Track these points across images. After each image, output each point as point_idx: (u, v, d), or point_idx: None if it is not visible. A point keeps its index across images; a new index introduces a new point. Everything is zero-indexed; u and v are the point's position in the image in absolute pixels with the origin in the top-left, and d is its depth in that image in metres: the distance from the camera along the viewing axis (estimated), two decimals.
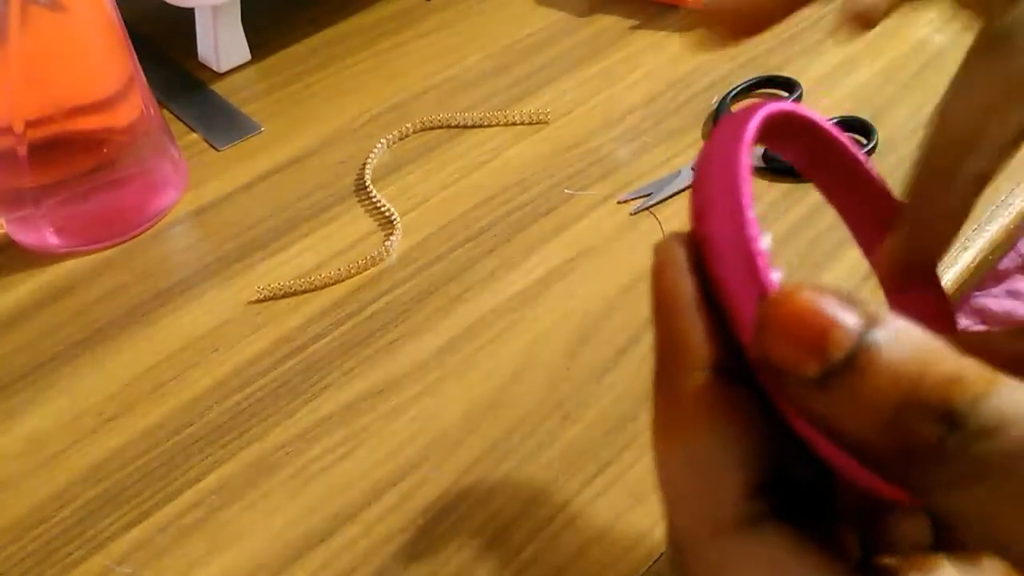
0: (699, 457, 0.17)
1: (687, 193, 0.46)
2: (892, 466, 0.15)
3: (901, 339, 0.15)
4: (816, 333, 0.15)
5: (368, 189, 0.47)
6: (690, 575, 0.18)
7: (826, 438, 0.16)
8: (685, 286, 0.18)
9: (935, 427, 0.14)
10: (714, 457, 0.17)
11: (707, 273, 0.19)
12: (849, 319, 0.15)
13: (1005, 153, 0.22)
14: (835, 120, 0.49)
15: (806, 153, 0.23)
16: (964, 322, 0.72)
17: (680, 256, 0.19)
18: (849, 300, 0.15)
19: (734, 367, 0.18)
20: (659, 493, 0.19)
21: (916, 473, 0.15)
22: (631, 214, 0.45)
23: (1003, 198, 0.44)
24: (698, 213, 0.19)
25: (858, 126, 0.48)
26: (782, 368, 0.16)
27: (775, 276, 0.17)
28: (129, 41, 0.45)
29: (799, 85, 0.51)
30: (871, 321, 0.15)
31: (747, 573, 0.17)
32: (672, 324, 0.18)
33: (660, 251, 0.19)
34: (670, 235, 0.19)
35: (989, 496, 0.14)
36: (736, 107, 0.22)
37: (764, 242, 0.18)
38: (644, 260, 0.43)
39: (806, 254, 0.42)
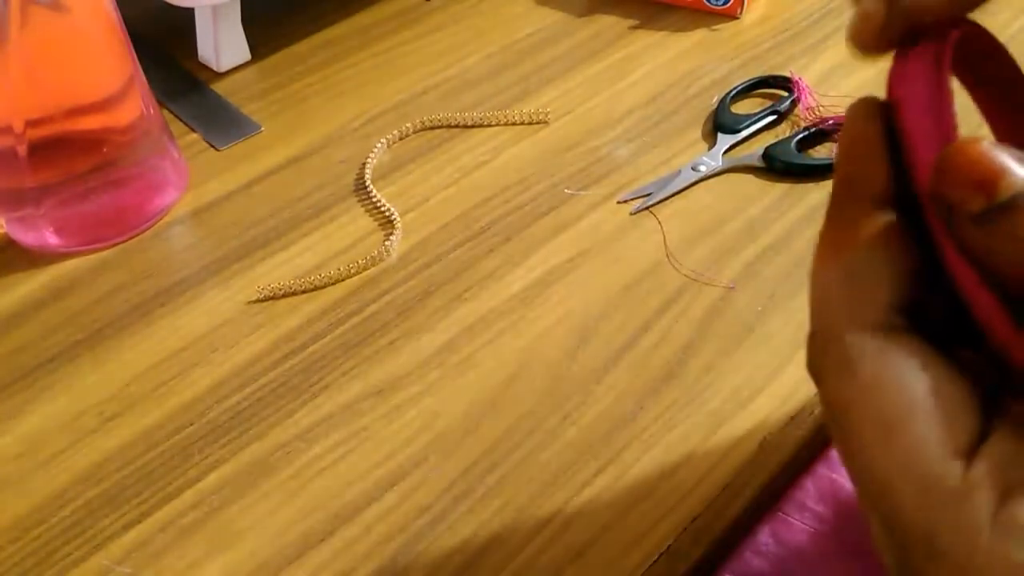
0: (857, 269, 0.20)
1: (687, 193, 0.46)
2: None
3: None
4: (988, 176, 0.17)
5: (368, 189, 0.47)
6: (817, 367, 0.20)
7: (978, 278, 0.18)
8: (872, 128, 0.20)
9: None
10: (871, 271, 0.19)
11: (896, 125, 0.20)
12: (1019, 170, 0.17)
13: None
14: (834, 121, 0.49)
15: (988, 81, 0.24)
16: None
17: (873, 106, 0.20)
18: (1021, 157, 0.17)
19: (903, 204, 0.20)
20: (810, 300, 0.21)
21: None
22: (631, 214, 0.45)
23: None
24: (897, 79, 0.21)
25: None
26: (952, 203, 0.18)
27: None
28: (129, 41, 0.45)
29: (799, 85, 0.51)
30: None
31: (878, 367, 0.19)
32: (854, 157, 0.20)
33: (854, 105, 0.21)
34: (864, 96, 0.21)
35: None
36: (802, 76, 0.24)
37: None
38: (644, 260, 0.43)
39: (806, 254, 0.42)
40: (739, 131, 0.49)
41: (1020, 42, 0.53)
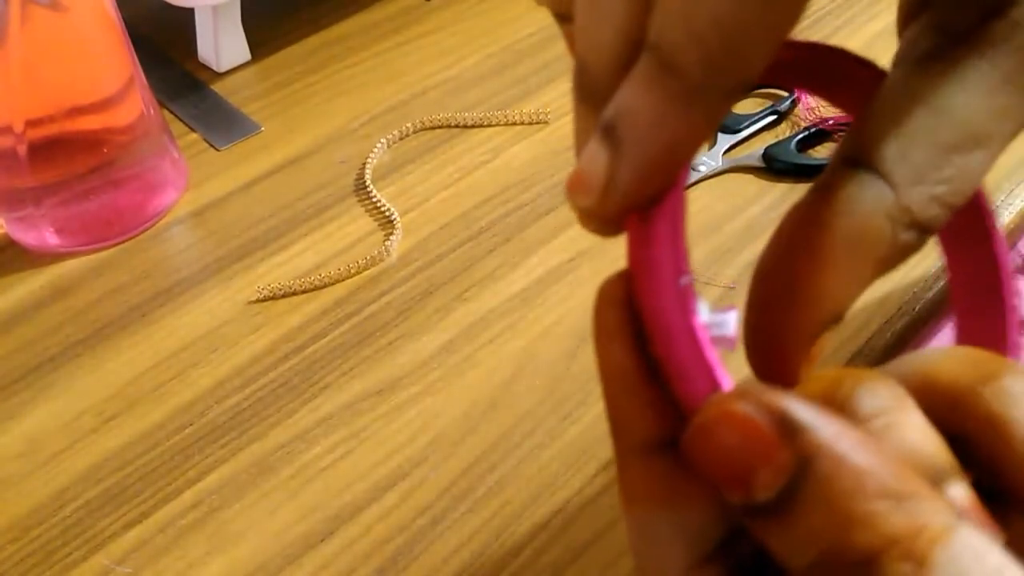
0: (643, 530, 0.17)
1: (687, 193, 0.46)
2: None
3: (832, 489, 0.14)
4: (739, 474, 0.14)
5: (368, 189, 0.47)
6: None
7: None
8: (616, 357, 0.17)
9: None
10: (656, 532, 0.17)
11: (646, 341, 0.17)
12: (778, 460, 0.14)
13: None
14: (834, 120, 0.49)
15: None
16: None
17: (613, 321, 0.17)
18: (786, 424, 0.14)
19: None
20: None
21: None
22: None
23: (1003, 198, 0.44)
24: (632, 278, 0.17)
25: None
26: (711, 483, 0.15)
27: (714, 355, 0.16)
28: (129, 41, 0.45)
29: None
30: (803, 462, 0.14)
31: None
32: (607, 398, 0.17)
33: (595, 313, 0.18)
34: (604, 290, 0.17)
35: None
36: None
37: (704, 313, 0.16)
38: None
39: None
40: (739, 131, 0.49)
41: None
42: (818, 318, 0.17)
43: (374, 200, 0.47)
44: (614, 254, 0.43)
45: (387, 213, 0.46)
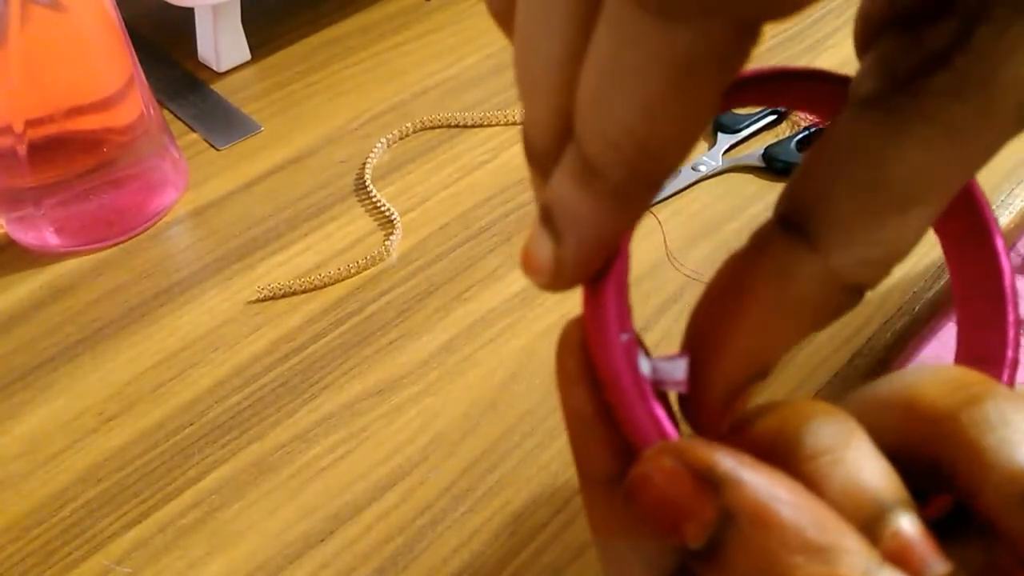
0: (607, 555, 0.18)
1: (687, 193, 0.46)
2: None
3: (753, 542, 0.15)
4: (670, 523, 0.15)
5: (368, 189, 0.47)
6: None
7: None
8: (575, 399, 0.18)
9: None
10: (618, 556, 0.18)
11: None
12: (702, 513, 0.15)
13: None
14: None
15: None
16: None
17: (573, 367, 0.18)
18: (712, 478, 0.15)
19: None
20: None
21: None
22: None
23: (1003, 198, 0.44)
24: (585, 331, 0.18)
25: None
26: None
27: (654, 408, 0.17)
28: (129, 41, 0.45)
29: None
30: (726, 515, 0.15)
31: None
32: (570, 435, 0.18)
33: (557, 357, 0.18)
34: (564, 336, 0.18)
35: None
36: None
37: (651, 364, 0.17)
38: (644, 260, 0.43)
39: None
40: (739, 131, 0.49)
41: None
42: (742, 373, 0.18)
43: (374, 200, 0.47)
44: None
45: (387, 213, 0.46)
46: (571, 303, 0.41)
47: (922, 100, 0.16)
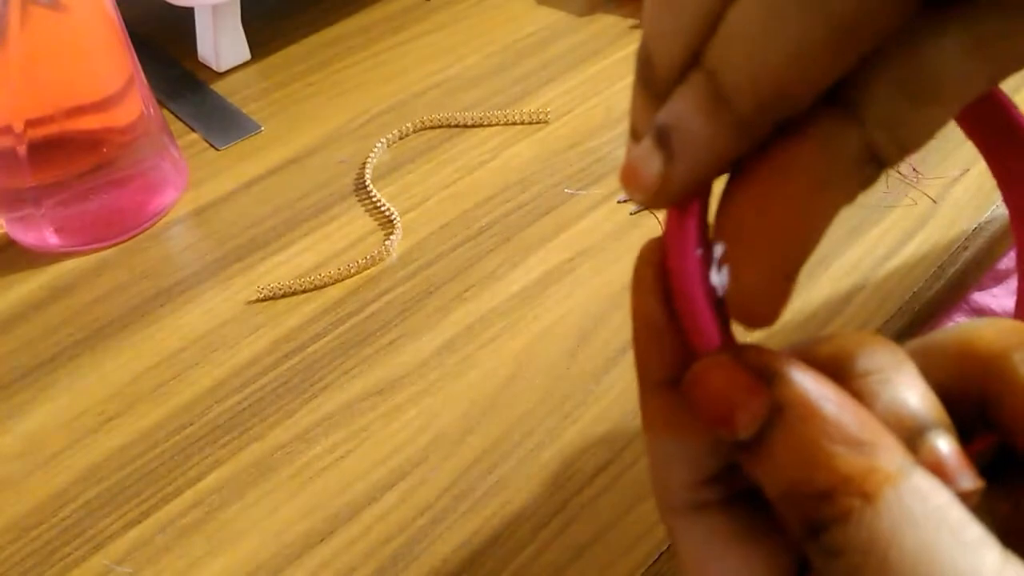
0: (655, 452, 0.20)
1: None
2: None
3: (798, 432, 0.16)
4: (724, 414, 0.17)
5: (368, 189, 0.47)
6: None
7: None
8: (647, 306, 0.19)
9: (803, 528, 0.16)
10: (662, 455, 0.20)
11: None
12: (754, 404, 0.17)
13: None
14: None
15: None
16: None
17: (647, 278, 0.19)
18: (764, 375, 0.17)
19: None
20: None
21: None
22: (631, 214, 0.45)
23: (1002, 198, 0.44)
24: (664, 245, 0.19)
25: None
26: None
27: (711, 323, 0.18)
28: (129, 41, 0.45)
29: None
30: (776, 408, 0.16)
31: (684, 550, 0.19)
32: (635, 340, 0.20)
33: (635, 267, 0.20)
34: (643, 251, 0.20)
35: None
36: None
37: (715, 278, 0.18)
38: None
39: None
40: None
41: None
42: (790, 258, 0.18)
43: (374, 200, 0.47)
44: (614, 254, 0.43)
45: (387, 213, 0.46)
46: (571, 303, 0.41)
47: (964, 9, 0.17)
